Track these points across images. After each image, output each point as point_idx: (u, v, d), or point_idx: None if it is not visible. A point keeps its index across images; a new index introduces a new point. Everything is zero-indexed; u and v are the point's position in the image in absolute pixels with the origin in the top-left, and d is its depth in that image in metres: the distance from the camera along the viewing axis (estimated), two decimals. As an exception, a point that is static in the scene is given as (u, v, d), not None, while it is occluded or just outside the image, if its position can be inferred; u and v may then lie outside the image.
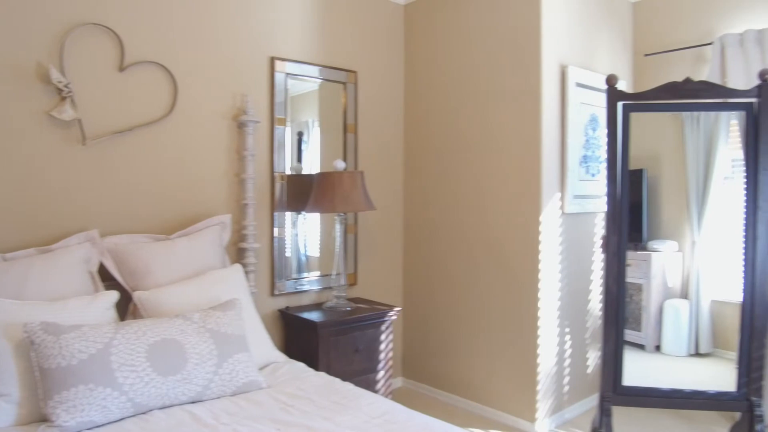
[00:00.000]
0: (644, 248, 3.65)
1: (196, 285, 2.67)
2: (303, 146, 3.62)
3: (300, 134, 3.62)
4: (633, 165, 3.62)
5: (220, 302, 2.57)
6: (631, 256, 3.67)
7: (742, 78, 3.49)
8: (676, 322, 3.61)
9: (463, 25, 3.71)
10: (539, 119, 3.32)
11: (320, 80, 3.61)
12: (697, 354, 3.59)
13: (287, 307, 3.39)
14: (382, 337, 3.35)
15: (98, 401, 2.00)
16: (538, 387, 3.38)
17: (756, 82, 3.00)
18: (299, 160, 3.60)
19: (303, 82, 3.54)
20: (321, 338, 3.08)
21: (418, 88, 4.00)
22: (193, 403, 2.23)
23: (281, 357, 2.82)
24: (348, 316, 3.22)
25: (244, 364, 2.40)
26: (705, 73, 3.73)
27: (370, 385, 3.26)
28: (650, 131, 3.70)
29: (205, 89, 3.09)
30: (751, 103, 3.02)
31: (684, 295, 3.63)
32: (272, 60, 3.35)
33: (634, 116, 3.19)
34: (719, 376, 3.15)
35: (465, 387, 3.76)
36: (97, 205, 2.75)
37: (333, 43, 3.66)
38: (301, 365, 2.71)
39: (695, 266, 3.59)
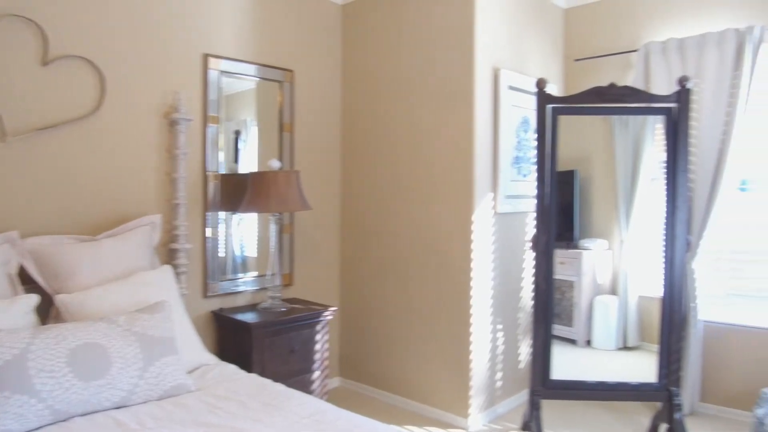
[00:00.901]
0: (576, 247, 3.78)
1: (122, 287, 2.59)
2: (240, 145, 3.58)
3: (237, 133, 3.57)
4: (565, 166, 3.74)
5: (148, 304, 2.51)
6: (563, 254, 3.79)
7: (664, 84, 3.66)
8: (606, 318, 3.75)
9: (400, 26, 3.74)
10: (472, 121, 3.39)
11: (257, 79, 3.57)
12: (626, 347, 3.73)
13: (221, 309, 3.34)
14: (318, 337, 3.34)
15: (14, 409, 1.92)
16: (471, 383, 3.45)
17: (676, 88, 3.16)
18: (236, 159, 3.55)
19: (239, 80, 3.50)
20: (255, 339, 3.04)
21: (356, 87, 4.01)
22: (117, 408, 2.16)
23: (212, 359, 2.77)
24: (283, 316, 3.20)
25: (172, 368, 2.35)
26: (631, 79, 3.89)
27: (305, 386, 3.25)
28: (582, 134, 3.84)
29: (135, 85, 3.01)
30: (670, 108, 3.16)
31: (613, 291, 3.77)
32: (206, 57, 3.29)
33: (566, 119, 3.30)
34: (645, 368, 3.28)
35: (401, 385, 3.80)
36: (19, 205, 2.63)
37: (269, 42, 3.63)
38: (233, 367, 2.68)
39: (623, 264, 3.73)
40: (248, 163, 3.58)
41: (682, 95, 3.10)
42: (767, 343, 3.54)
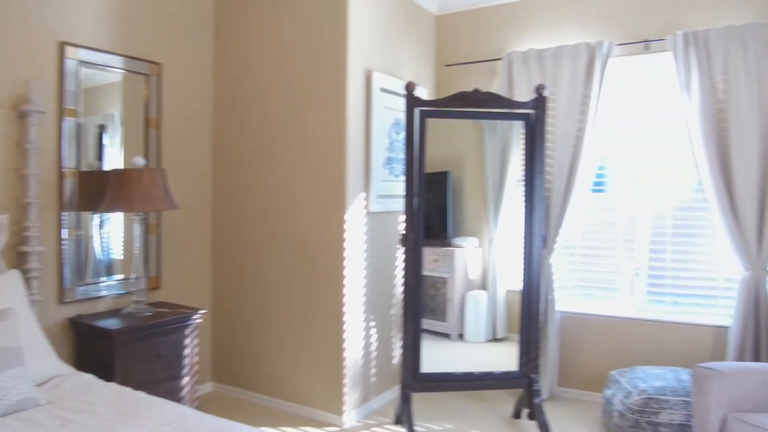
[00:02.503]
0: (449, 245, 3.93)
1: (-41, 295, 2.36)
2: (105, 141, 3.37)
3: (101, 128, 3.36)
4: (440, 167, 3.89)
5: (-10, 313, 2.30)
6: (437, 252, 3.94)
7: (525, 91, 3.90)
8: (477, 312, 3.93)
9: (274, 25, 3.70)
10: (345, 121, 3.42)
11: (122, 71, 3.38)
12: (495, 339, 3.95)
13: (79, 315, 3.13)
14: (187, 341, 3.23)
15: None
16: (345, 380, 3.49)
17: (534, 95, 3.38)
18: (100, 155, 3.35)
19: (103, 72, 3.29)
20: (117, 347, 2.88)
21: (229, 84, 3.92)
22: (-48, 428, 1.98)
23: (67, 369, 2.59)
24: (148, 321, 3.06)
25: (18, 380, 2.18)
26: (496, 85, 4.11)
27: (174, 393, 3.13)
28: (455, 137, 4.01)
29: (-24, 73, 2.75)
30: (529, 113, 3.39)
31: (483, 286, 3.97)
32: (62, 45, 3.06)
33: (440, 122, 3.44)
34: (511, 357, 3.48)
35: (276, 386, 3.76)
36: None
37: (135, 33, 3.45)
38: (89, 377, 2.53)
39: (492, 260, 3.94)
40: (113, 160, 3.39)
41: (539, 102, 3.34)
42: (615, 329, 3.89)
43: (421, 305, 3.39)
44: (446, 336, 3.94)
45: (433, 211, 3.93)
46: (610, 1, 3.85)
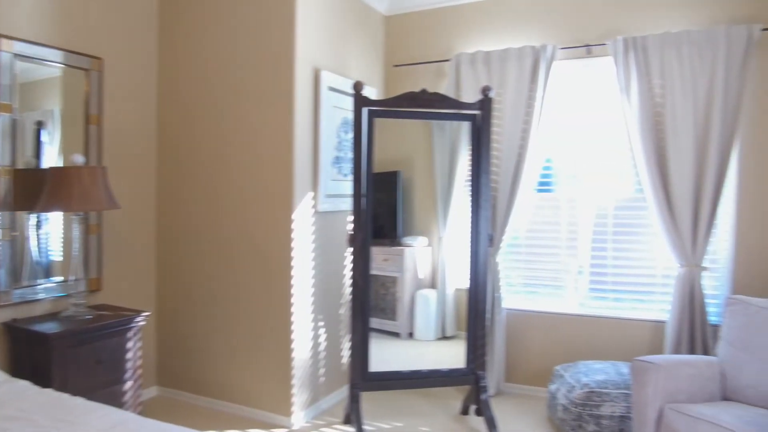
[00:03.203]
0: (399, 244, 3.95)
1: None
2: (44, 138, 3.25)
3: (40, 124, 3.24)
4: (390, 167, 3.91)
5: None
6: (387, 251, 3.95)
7: (473, 92, 3.95)
8: (426, 310, 3.97)
9: (221, 22, 3.64)
10: (292, 120, 3.40)
11: (60, 65, 3.26)
12: (444, 337, 3.99)
13: (14, 320, 3.00)
14: (129, 345, 3.14)
15: None
16: (294, 381, 3.47)
17: (480, 96, 3.43)
18: (37, 153, 3.22)
19: (41, 66, 3.16)
20: (55, 351, 2.78)
21: (175, 81, 3.83)
22: None
23: (1, 376, 2.49)
24: (87, 324, 2.96)
25: (-55, 389, 2.08)
26: (444, 86, 4.16)
27: (116, 398, 3.04)
28: (405, 137, 4.03)
29: None
30: (475, 114, 3.44)
31: (433, 285, 4.00)
32: (-5, 38, 2.94)
33: (390, 122, 3.45)
34: (459, 355, 3.53)
35: (224, 389, 3.70)
36: None
37: (75, 26, 3.33)
38: (24, 383, 2.43)
39: (441, 259, 3.98)
40: (52, 158, 3.27)
41: (485, 103, 3.39)
42: (559, 326, 3.99)
43: (369, 304, 3.40)
44: (396, 335, 3.95)
45: (383, 211, 3.95)
46: (554, 6, 3.95)
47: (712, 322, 3.49)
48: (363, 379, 3.31)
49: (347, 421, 3.46)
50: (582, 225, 4.01)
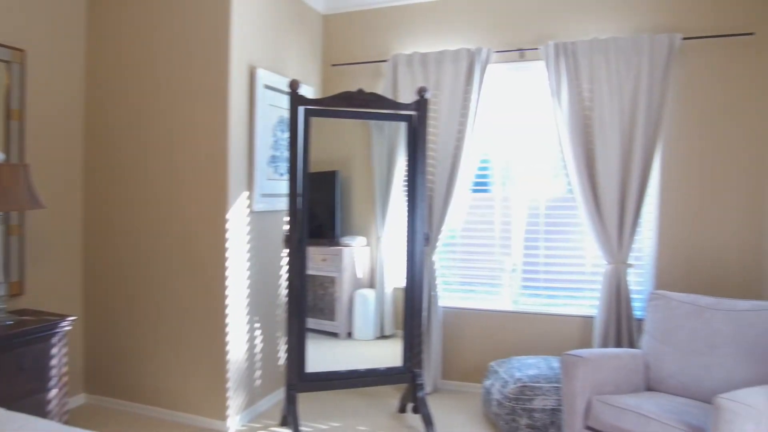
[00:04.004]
0: (337, 244, 3.94)
1: None
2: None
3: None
4: (328, 167, 3.88)
5: None
6: (326, 251, 3.93)
7: (409, 93, 3.99)
8: (365, 310, 3.96)
9: (153, 16, 3.53)
10: (227, 118, 3.34)
11: (-24, 57, 3.09)
12: (383, 336, 3.99)
13: (-75, 326, 2.83)
14: (54, 351, 3.00)
15: None
16: (229, 384, 3.40)
17: (416, 97, 3.47)
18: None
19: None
20: (-29, 359, 2.63)
21: (104, 75, 3.69)
22: None
23: None
24: (8, 330, 2.81)
25: None
26: (381, 87, 4.18)
27: (40, 407, 2.90)
28: (344, 136, 4.00)
29: None
30: (411, 115, 3.47)
31: (371, 284, 4.00)
32: None
33: (327, 121, 3.43)
34: (399, 353, 3.54)
35: (156, 395, 3.59)
36: None
37: (-7, 16, 3.17)
38: (-66, 393, 2.29)
39: (380, 258, 3.99)
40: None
41: (421, 104, 3.43)
42: (494, 323, 4.08)
43: (305, 305, 3.38)
44: (335, 335, 3.94)
45: (321, 210, 3.92)
46: (489, 10, 4.04)
47: (637, 317, 3.65)
48: (299, 380, 3.28)
49: (284, 423, 3.42)
50: (516, 224, 4.12)
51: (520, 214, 4.10)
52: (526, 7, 3.96)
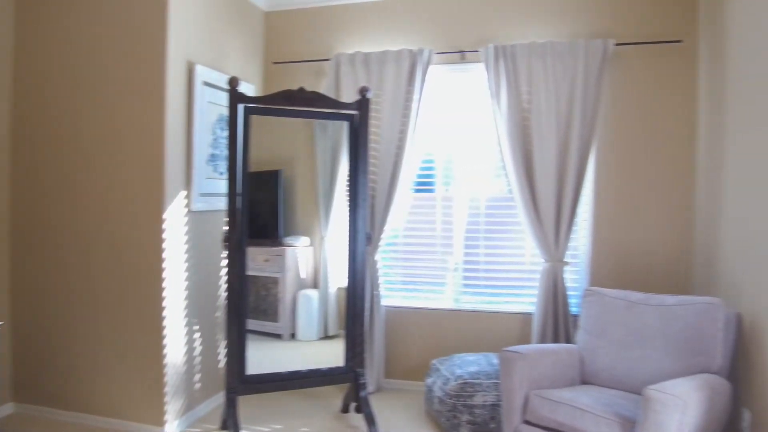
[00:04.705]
0: (280, 244, 3.89)
1: None
2: None
3: None
4: (271, 166, 3.84)
5: None
6: (268, 251, 3.88)
7: (352, 92, 3.99)
8: (308, 310, 3.94)
9: (86, 10, 3.39)
10: (163, 116, 3.24)
11: None
12: (327, 337, 3.97)
13: None
14: (-24, 357, 2.86)
15: None
16: (166, 389, 3.31)
17: (358, 97, 3.47)
18: None
19: None
20: None
21: (33, 71, 3.51)
22: None
23: None
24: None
25: None
26: (324, 85, 4.16)
27: (-40, 417, 2.75)
28: (287, 136, 3.97)
29: None
30: (353, 114, 3.47)
31: (315, 285, 3.98)
32: None
33: (270, 120, 3.38)
34: (341, 353, 3.53)
35: (90, 402, 3.45)
36: None
37: None
38: None
39: (324, 258, 3.97)
40: None
41: (362, 104, 3.43)
42: (436, 321, 4.13)
43: (245, 306, 3.32)
44: (278, 336, 3.90)
45: (264, 210, 3.88)
46: (431, 12, 4.08)
47: (573, 313, 3.76)
48: (240, 382, 3.23)
49: (224, 427, 3.35)
50: (457, 223, 4.17)
51: (462, 213, 4.16)
52: (468, 10, 4.02)
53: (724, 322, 2.81)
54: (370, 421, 3.34)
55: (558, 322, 3.73)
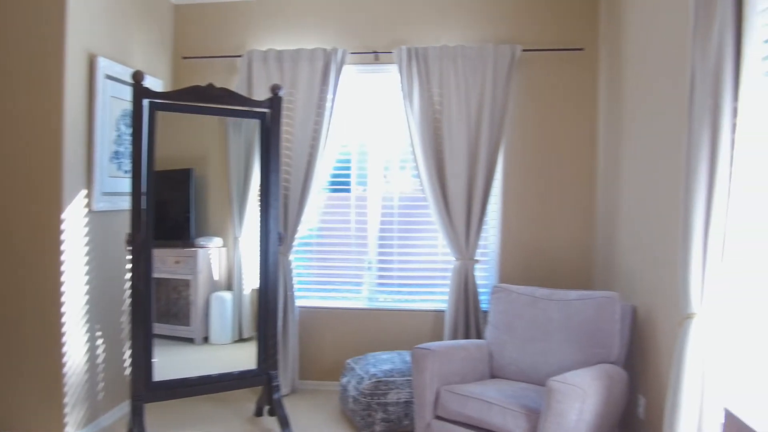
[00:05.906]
0: (192, 245, 3.77)
1: None
2: None
3: None
4: (183, 165, 3.70)
5: None
6: (179, 253, 3.75)
7: (264, 90, 3.92)
8: (222, 313, 3.83)
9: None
10: (61, 110, 3.06)
11: None
12: (242, 339, 3.88)
13: None
14: None
15: None
16: (66, 399, 3.13)
17: (270, 95, 3.41)
18: None
19: None
20: None
21: None
22: None
23: None
24: None
25: None
26: (236, 82, 4.07)
27: None
28: (199, 133, 3.85)
29: None
30: (265, 112, 3.42)
31: (229, 287, 3.88)
32: None
33: (181, 117, 3.26)
34: (255, 356, 3.47)
35: (-22, 415, 3.22)
36: None
37: None
38: None
39: (237, 259, 3.88)
40: None
41: (275, 102, 3.38)
42: (350, 320, 4.14)
43: (152, 310, 3.19)
44: (190, 340, 3.77)
45: (174, 210, 3.74)
46: (345, 12, 4.09)
47: (484, 309, 3.87)
48: (146, 389, 3.10)
49: (130, 436, 3.22)
50: (371, 222, 4.20)
51: (376, 212, 4.19)
52: (382, 12, 4.06)
53: (621, 314, 2.99)
54: (284, 423, 3.30)
55: (469, 318, 3.83)
